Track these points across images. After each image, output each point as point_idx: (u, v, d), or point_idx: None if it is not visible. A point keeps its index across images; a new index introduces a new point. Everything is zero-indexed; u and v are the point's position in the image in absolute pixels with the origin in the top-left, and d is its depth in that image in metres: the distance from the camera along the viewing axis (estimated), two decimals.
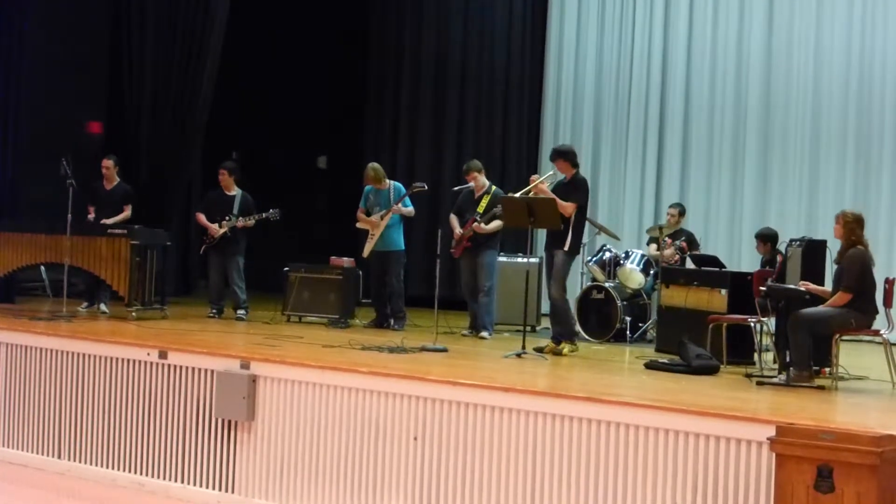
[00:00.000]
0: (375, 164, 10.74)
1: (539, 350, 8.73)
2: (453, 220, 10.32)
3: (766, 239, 9.73)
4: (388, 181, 10.57)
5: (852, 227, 7.54)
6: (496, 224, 9.95)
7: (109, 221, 10.55)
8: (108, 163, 11.00)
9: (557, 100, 14.02)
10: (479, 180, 10.23)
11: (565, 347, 8.82)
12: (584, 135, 13.78)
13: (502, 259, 10.55)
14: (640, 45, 13.51)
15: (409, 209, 10.52)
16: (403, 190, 10.50)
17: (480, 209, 10.09)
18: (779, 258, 8.65)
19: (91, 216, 10.83)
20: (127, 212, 10.86)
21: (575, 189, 8.91)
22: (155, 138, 12.74)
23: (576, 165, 9.06)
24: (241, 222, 10.69)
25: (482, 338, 9.89)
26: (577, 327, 10.51)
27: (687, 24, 13.24)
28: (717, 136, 13.01)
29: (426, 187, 10.72)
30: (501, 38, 14.30)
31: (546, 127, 14.06)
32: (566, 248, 8.81)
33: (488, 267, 10.07)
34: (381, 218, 10.34)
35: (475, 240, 10.06)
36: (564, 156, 9.04)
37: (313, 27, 14.66)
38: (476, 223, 10.01)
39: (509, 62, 14.28)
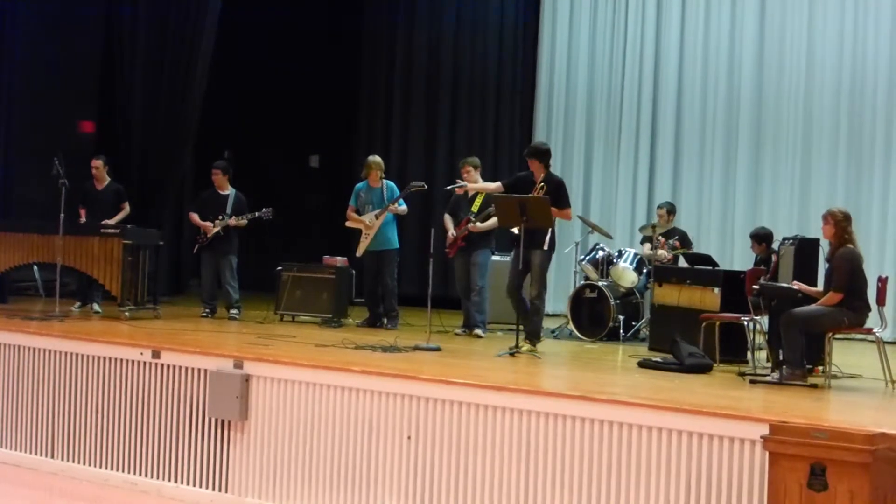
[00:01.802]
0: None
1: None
2: (447, 220, 10.31)
3: (762, 239, 9.72)
4: (381, 180, 10.57)
5: (843, 225, 7.53)
6: (491, 222, 9.93)
7: (111, 222, 10.51)
8: (97, 162, 10.97)
9: (550, 99, 14.00)
10: (473, 176, 10.19)
11: (525, 346, 8.67)
12: (577, 134, 13.78)
13: (495, 258, 10.53)
14: (632, 45, 13.51)
15: (403, 208, 10.49)
16: (397, 189, 10.47)
17: (475, 208, 10.08)
18: (773, 258, 8.66)
19: (83, 219, 10.78)
20: (126, 209, 10.85)
21: (560, 191, 8.91)
22: (147, 138, 12.70)
23: (548, 167, 9.05)
24: (233, 221, 10.68)
25: (476, 336, 9.88)
26: (571, 326, 10.58)
27: (679, 23, 13.24)
28: (709, 134, 13.02)
29: (426, 186, 10.60)
30: (493, 38, 14.29)
31: (538, 126, 14.03)
32: (546, 248, 8.79)
33: (481, 266, 10.07)
34: (377, 217, 10.31)
35: (469, 239, 10.05)
36: (542, 156, 8.97)
37: (306, 27, 14.65)
38: (471, 223, 10.01)
39: (501, 62, 14.28)
